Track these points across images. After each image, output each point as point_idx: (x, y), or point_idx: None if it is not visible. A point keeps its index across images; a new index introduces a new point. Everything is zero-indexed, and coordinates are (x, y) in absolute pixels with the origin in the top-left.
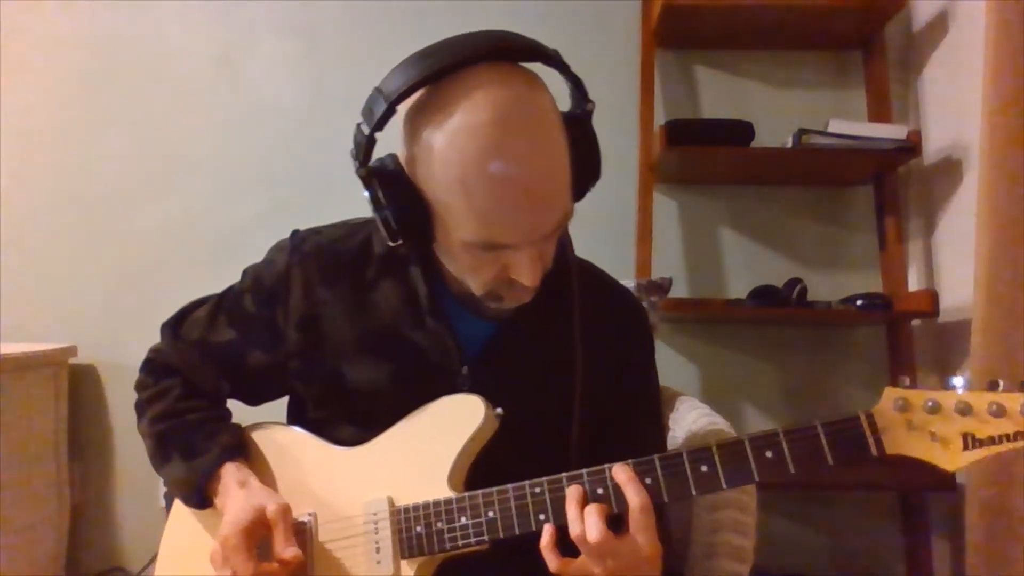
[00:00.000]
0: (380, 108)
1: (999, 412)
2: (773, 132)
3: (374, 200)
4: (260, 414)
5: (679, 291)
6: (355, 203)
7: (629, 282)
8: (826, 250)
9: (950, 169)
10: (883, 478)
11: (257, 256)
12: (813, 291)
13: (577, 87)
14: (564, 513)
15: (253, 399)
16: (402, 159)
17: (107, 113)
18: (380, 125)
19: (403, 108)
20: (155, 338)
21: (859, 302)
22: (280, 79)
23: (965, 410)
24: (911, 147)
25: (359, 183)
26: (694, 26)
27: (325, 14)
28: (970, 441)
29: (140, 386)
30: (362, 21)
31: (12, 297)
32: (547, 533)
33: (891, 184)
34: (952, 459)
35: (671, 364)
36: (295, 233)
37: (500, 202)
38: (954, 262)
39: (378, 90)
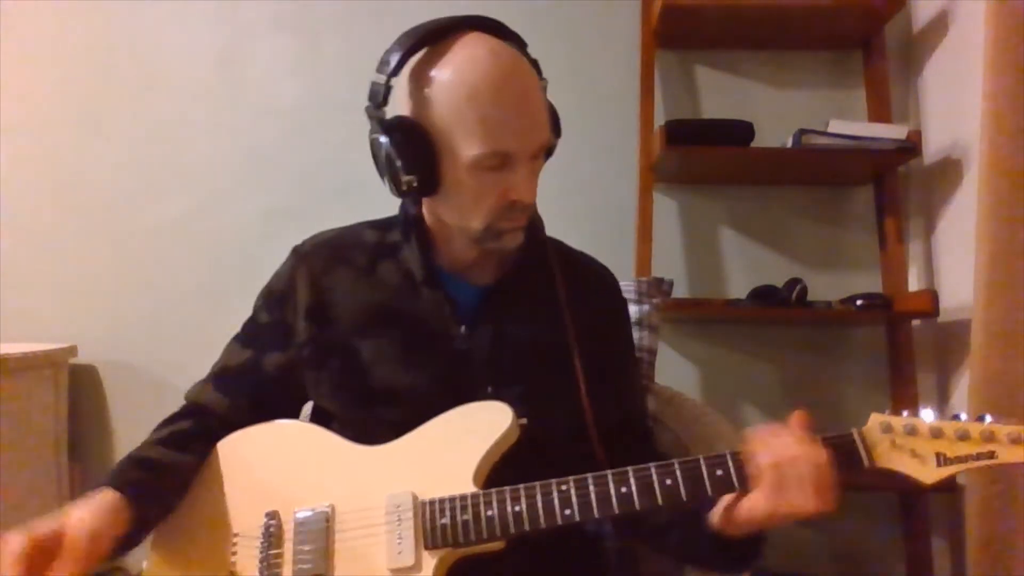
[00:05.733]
0: (395, 57)
1: (964, 436)
2: (773, 132)
3: (395, 144)
4: None
5: (679, 291)
6: (354, 202)
7: (629, 283)
8: (826, 250)
9: (950, 169)
10: (883, 478)
11: (256, 256)
12: (813, 291)
13: (534, 64)
14: (589, 509)
15: (276, 410)
16: (408, 112)
17: (107, 113)
18: (396, 71)
19: (405, 73)
20: (154, 338)
21: (859, 302)
22: (280, 79)
23: (937, 433)
24: (911, 147)
25: (358, 182)
26: (694, 26)
27: (325, 14)
28: (942, 459)
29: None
30: (362, 21)
31: (12, 297)
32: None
33: (891, 184)
34: (928, 474)
35: (671, 364)
36: (295, 246)
37: (503, 107)
38: (954, 262)
39: (388, 51)
